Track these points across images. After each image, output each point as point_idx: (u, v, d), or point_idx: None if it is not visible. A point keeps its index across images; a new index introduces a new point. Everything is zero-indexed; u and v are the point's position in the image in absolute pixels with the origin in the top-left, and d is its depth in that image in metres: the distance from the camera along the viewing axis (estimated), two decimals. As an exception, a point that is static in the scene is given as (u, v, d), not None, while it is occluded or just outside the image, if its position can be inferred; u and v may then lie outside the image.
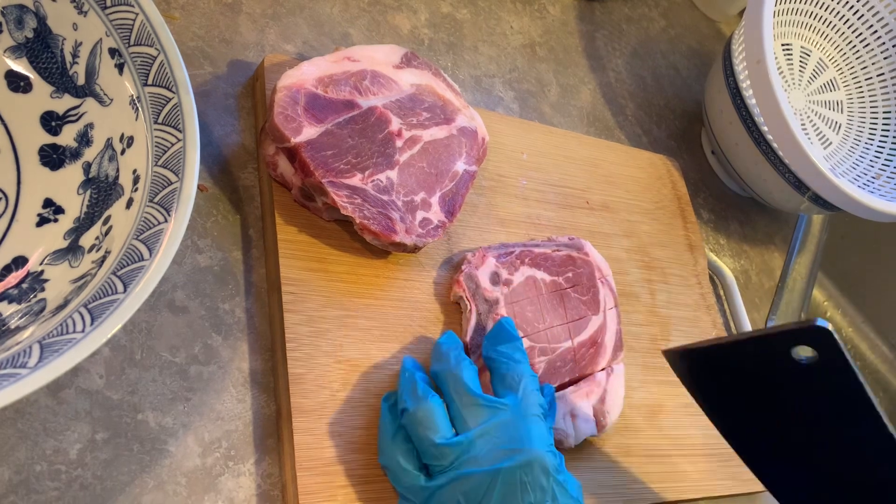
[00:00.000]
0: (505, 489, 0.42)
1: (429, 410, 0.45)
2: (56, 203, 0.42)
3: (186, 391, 0.46)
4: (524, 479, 0.43)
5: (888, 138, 0.85)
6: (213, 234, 0.51)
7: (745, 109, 0.75)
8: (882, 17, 0.85)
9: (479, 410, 0.45)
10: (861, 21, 0.87)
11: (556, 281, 0.58)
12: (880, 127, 0.86)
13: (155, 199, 0.39)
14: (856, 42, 0.88)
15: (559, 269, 0.59)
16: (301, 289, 0.49)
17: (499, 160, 0.64)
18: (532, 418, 0.46)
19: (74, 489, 0.41)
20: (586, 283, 0.59)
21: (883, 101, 0.87)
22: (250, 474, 0.45)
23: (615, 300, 0.61)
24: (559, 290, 0.58)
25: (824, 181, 0.69)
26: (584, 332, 0.58)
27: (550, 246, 0.60)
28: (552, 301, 0.57)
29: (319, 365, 0.48)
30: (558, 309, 0.57)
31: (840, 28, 0.88)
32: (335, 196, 0.49)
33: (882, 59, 0.87)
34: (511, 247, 0.59)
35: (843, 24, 0.87)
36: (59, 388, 0.42)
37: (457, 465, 0.43)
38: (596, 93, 0.80)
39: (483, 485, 0.42)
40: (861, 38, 0.88)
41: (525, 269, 0.58)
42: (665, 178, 0.77)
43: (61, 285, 0.39)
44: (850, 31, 0.87)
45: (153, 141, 0.41)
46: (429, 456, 0.44)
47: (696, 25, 0.97)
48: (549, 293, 0.58)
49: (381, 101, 0.55)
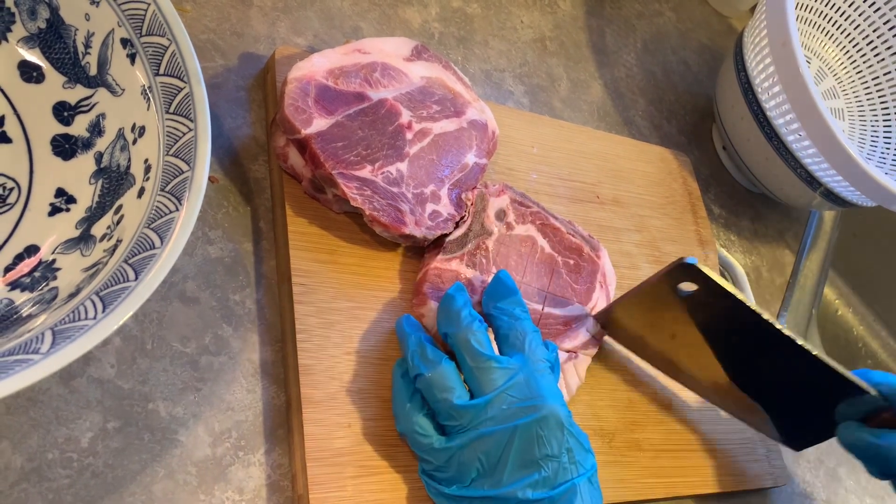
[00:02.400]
0: (522, 444, 0.44)
1: (444, 373, 0.46)
2: (68, 192, 0.42)
3: (197, 381, 0.46)
4: (540, 433, 0.44)
5: (890, 148, 0.85)
6: (223, 226, 0.51)
7: (756, 104, 0.75)
8: (889, 20, 0.85)
9: (493, 373, 0.46)
10: (867, 23, 0.86)
11: (553, 256, 0.58)
12: (882, 135, 0.86)
13: (166, 188, 0.39)
14: (856, 49, 0.87)
15: (563, 251, 0.59)
16: (311, 280, 0.49)
17: (508, 154, 0.64)
18: (541, 374, 0.47)
19: (86, 477, 0.41)
20: (584, 277, 0.59)
21: (882, 112, 0.87)
22: (260, 464, 0.46)
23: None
24: (552, 265, 0.58)
25: (851, 162, 0.67)
26: (560, 309, 0.57)
27: (568, 227, 0.60)
28: (540, 267, 0.57)
29: (329, 356, 0.48)
30: (543, 277, 0.57)
31: (845, 28, 0.87)
32: (345, 188, 0.50)
33: (880, 68, 0.87)
34: (530, 202, 0.59)
35: (848, 24, 0.87)
36: (71, 377, 0.42)
37: (475, 425, 0.44)
38: (606, 88, 0.80)
39: (501, 442, 0.44)
40: (860, 48, 0.87)
41: (531, 227, 0.58)
42: (676, 174, 0.76)
43: (73, 274, 0.39)
44: (857, 31, 0.87)
45: (165, 130, 0.41)
46: (446, 417, 0.45)
47: (706, 21, 0.97)
48: (541, 261, 0.58)
49: (392, 93, 0.55)
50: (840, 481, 0.73)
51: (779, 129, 0.74)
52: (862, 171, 0.67)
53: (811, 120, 0.67)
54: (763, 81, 0.73)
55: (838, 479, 0.73)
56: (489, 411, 0.45)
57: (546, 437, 0.44)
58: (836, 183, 0.74)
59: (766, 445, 0.66)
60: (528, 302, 0.56)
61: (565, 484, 0.44)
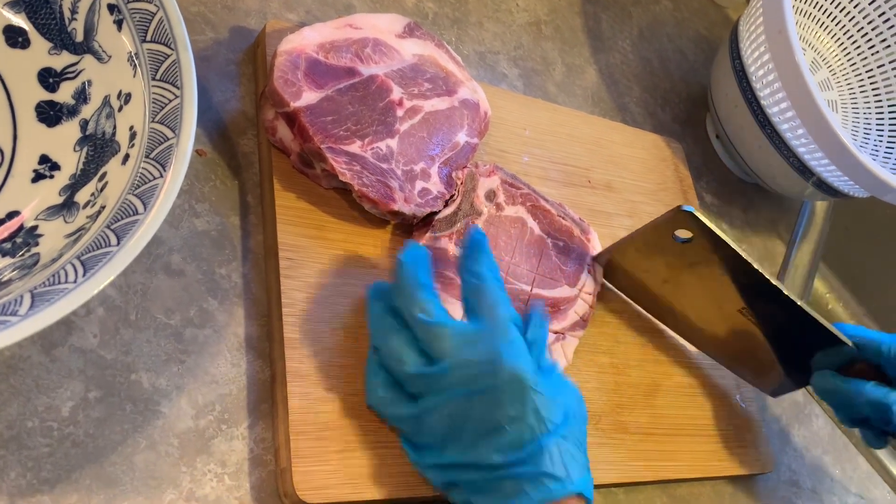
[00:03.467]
0: (483, 407, 0.43)
1: (395, 346, 0.45)
2: (52, 159, 0.42)
3: (181, 353, 0.45)
4: (500, 395, 0.42)
5: (882, 140, 0.84)
6: (210, 199, 0.50)
7: (750, 92, 0.74)
8: (883, 13, 0.85)
9: (445, 339, 0.44)
10: (862, 14, 0.86)
11: (542, 238, 0.58)
12: (874, 127, 0.86)
13: (151, 154, 0.38)
14: (851, 41, 0.87)
15: (553, 232, 0.58)
16: (298, 255, 0.49)
17: (501, 135, 0.64)
18: (503, 334, 0.44)
19: (66, 446, 0.40)
20: (574, 260, 0.59)
21: (876, 104, 0.86)
22: (243, 438, 0.45)
23: (595, 292, 0.60)
24: (541, 247, 0.58)
25: (845, 151, 0.67)
26: (548, 290, 0.57)
27: (559, 209, 0.60)
28: (530, 249, 0.57)
29: (315, 331, 0.47)
30: (532, 259, 0.57)
31: (840, 19, 0.87)
32: (334, 162, 0.49)
33: (873, 61, 0.86)
34: (521, 183, 0.58)
35: (843, 15, 0.87)
36: (53, 346, 0.42)
37: (437, 390, 0.44)
38: (601, 73, 0.79)
39: (463, 406, 0.43)
40: (855, 39, 0.87)
41: (521, 209, 0.58)
42: (668, 160, 0.76)
43: (55, 240, 0.39)
44: (852, 23, 0.87)
45: (151, 98, 0.40)
46: (408, 385, 0.45)
47: (703, 11, 0.96)
48: (530, 243, 0.57)
49: (383, 69, 0.54)
50: (825, 470, 0.73)
51: (772, 117, 0.73)
52: (854, 159, 0.67)
53: (805, 107, 0.67)
54: (758, 69, 0.73)
55: (823, 467, 0.73)
56: (449, 377, 0.43)
57: (507, 398, 0.42)
58: (829, 173, 0.74)
59: (752, 432, 0.66)
60: (516, 282, 0.55)
61: (532, 445, 0.42)
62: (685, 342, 0.65)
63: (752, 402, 0.68)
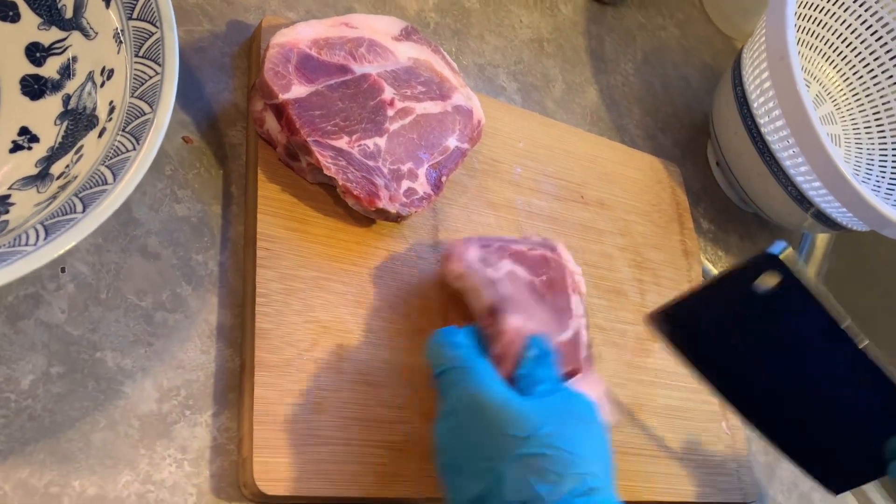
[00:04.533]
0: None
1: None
2: (32, 132, 0.42)
3: (149, 336, 0.45)
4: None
5: (885, 175, 0.84)
6: (193, 186, 0.50)
7: (751, 119, 0.74)
8: (889, 48, 0.84)
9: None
10: (868, 49, 0.86)
11: (532, 282, 0.56)
12: (877, 163, 0.85)
13: (127, 128, 0.38)
14: (856, 76, 0.87)
15: (536, 270, 0.57)
16: (277, 246, 0.49)
17: (494, 145, 0.64)
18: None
19: (22, 419, 0.40)
20: (559, 289, 0.57)
21: (879, 140, 0.86)
22: (207, 426, 0.44)
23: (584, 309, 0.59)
24: (536, 292, 0.56)
25: (842, 180, 0.66)
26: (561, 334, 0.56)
27: (525, 244, 0.58)
28: (531, 297, 0.56)
29: (288, 322, 0.47)
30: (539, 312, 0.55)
31: (845, 54, 0.87)
32: (319, 156, 0.49)
33: (878, 96, 0.86)
34: (488, 240, 0.57)
35: (847, 49, 0.86)
36: (18, 318, 0.41)
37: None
38: (601, 94, 0.79)
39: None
40: (860, 74, 0.87)
41: (507, 262, 0.56)
42: (665, 182, 0.76)
43: (25, 209, 0.38)
44: (857, 58, 0.86)
45: (132, 74, 0.40)
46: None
47: (710, 40, 0.96)
48: (528, 292, 0.56)
49: (376, 69, 0.54)
50: (812, 505, 0.71)
51: (771, 145, 0.73)
52: (852, 189, 0.66)
53: (804, 134, 0.67)
54: (759, 96, 0.73)
55: (811, 503, 0.71)
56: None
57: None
58: (828, 204, 0.73)
59: (736, 460, 0.64)
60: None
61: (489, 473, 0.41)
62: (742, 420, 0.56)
63: (739, 429, 0.66)
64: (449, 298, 0.55)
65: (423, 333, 0.52)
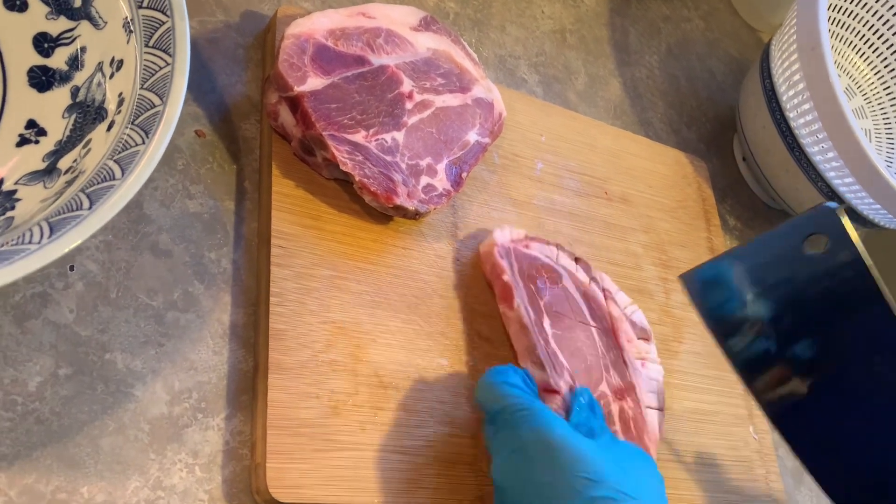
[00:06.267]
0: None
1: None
2: (39, 125, 0.40)
3: (160, 336, 0.43)
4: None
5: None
6: (206, 182, 0.49)
7: (779, 112, 0.72)
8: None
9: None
10: None
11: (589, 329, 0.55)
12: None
13: (136, 121, 0.37)
14: (886, 67, 0.84)
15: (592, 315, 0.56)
16: (292, 244, 0.47)
17: (515, 139, 0.62)
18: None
19: (29, 422, 0.38)
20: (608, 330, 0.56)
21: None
22: (219, 429, 0.43)
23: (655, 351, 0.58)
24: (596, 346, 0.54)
25: (875, 174, 0.64)
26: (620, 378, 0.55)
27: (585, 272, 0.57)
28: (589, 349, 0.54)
29: (303, 323, 0.45)
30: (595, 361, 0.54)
31: (875, 44, 0.84)
32: (335, 150, 0.47)
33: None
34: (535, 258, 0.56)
35: (878, 40, 0.84)
36: (26, 318, 0.40)
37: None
38: (625, 87, 0.77)
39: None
40: (891, 65, 0.84)
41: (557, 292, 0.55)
42: (691, 178, 0.73)
43: (32, 205, 0.37)
44: (887, 48, 0.84)
45: (142, 64, 0.39)
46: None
47: (736, 33, 0.94)
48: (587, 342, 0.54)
49: (394, 60, 0.53)
50: (842, 512, 0.69)
51: (801, 140, 0.70)
52: (885, 181, 0.64)
53: (836, 124, 0.64)
54: (789, 89, 0.70)
55: (841, 510, 0.69)
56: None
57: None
58: (859, 200, 0.71)
59: (765, 466, 0.62)
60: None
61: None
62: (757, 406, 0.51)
63: (767, 434, 0.64)
64: (472, 300, 0.53)
65: (443, 336, 0.50)
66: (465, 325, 0.52)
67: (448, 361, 0.50)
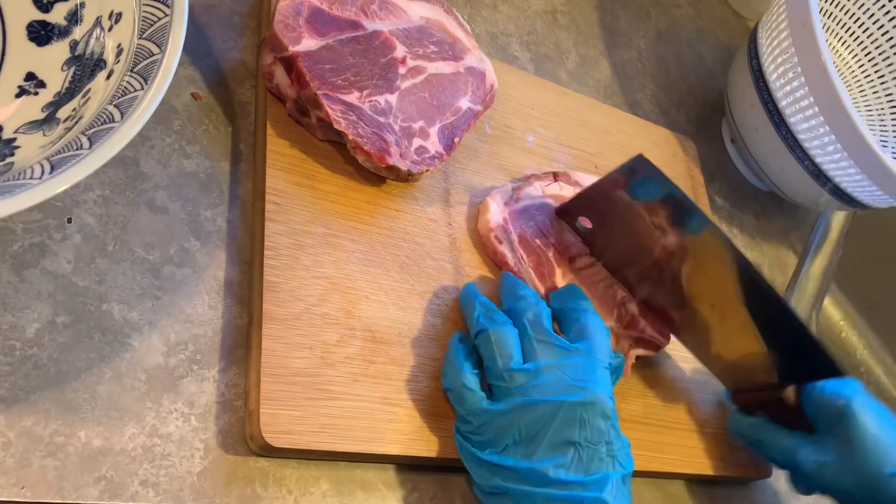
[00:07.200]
0: (563, 422, 0.43)
1: (506, 335, 0.47)
2: (38, 77, 0.41)
3: (157, 290, 0.44)
4: (584, 417, 0.44)
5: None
6: (202, 143, 0.49)
7: (766, 92, 0.73)
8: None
9: (552, 349, 0.47)
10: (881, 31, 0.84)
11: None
12: (891, 147, 0.84)
13: (135, 69, 0.38)
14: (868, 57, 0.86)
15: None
16: (286, 201, 0.48)
17: (506, 111, 0.63)
18: (600, 365, 0.47)
19: (27, 367, 0.39)
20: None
21: (892, 124, 0.85)
22: (214, 381, 0.44)
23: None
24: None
25: (864, 145, 0.65)
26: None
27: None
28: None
29: (297, 277, 0.46)
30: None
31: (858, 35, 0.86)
32: (329, 109, 0.48)
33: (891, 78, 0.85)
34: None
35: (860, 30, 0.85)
36: (24, 267, 0.41)
37: (521, 392, 0.44)
38: (615, 67, 0.78)
39: (543, 416, 0.44)
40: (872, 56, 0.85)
41: None
42: (680, 157, 0.75)
43: (31, 150, 0.38)
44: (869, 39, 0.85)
45: (140, 16, 0.39)
46: (497, 377, 0.46)
47: (725, 20, 0.95)
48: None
49: (388, 26, 0.53)
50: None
51: (788, 118, 0.72)
52: (872, 153, 0.65)
53: (826, 96, 0.65)
54: (776, 68, 0.71)
55: (827, 481, 0.70)
56: (538, 379, 0.45)
57: (589, 421, 0.44)
58: (849, 178, 0.72)
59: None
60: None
61: (599, 474, 0.43)
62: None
63: (754, 404, 0.65)
64: (463, 263, 0.54)
65: (435, 297, 0.51)
66: (457, 288, 0.52)
67: (440, 321, 0.51)
